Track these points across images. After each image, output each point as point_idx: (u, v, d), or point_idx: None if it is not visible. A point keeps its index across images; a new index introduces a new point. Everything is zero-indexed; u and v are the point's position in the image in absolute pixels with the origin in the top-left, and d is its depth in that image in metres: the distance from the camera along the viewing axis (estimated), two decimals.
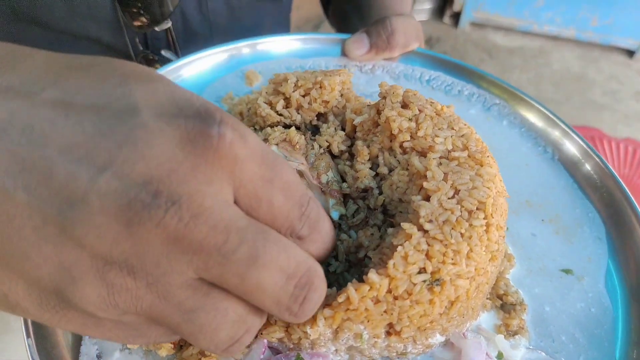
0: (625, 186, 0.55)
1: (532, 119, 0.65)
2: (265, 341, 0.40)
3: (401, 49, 0.71)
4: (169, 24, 0.72)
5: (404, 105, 0.47)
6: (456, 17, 3.10)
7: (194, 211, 0.25)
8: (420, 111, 0.46)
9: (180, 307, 0.27)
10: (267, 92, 0.54)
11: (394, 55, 0.71)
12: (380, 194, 0.46)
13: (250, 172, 0.28)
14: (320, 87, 0.52)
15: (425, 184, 0.40)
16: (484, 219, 0.39)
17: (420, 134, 0.44)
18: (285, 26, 0.96)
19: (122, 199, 0.24)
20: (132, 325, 0.29)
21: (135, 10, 0.69)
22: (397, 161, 0.45)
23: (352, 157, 0.50)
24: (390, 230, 0.41)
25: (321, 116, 0.54)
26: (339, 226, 0.45)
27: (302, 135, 0.49)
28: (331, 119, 0.52)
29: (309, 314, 0.31)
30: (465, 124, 0.47)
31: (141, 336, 0.30)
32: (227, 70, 0.68)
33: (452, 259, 0.37)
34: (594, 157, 0.59)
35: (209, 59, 0.67)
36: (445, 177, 0.41)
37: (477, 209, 0.39)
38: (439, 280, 0.37)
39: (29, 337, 0.40)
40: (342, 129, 0.52)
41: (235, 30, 0.83)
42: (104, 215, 0.24)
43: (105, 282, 0.25)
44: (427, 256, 0.37)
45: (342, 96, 0.53)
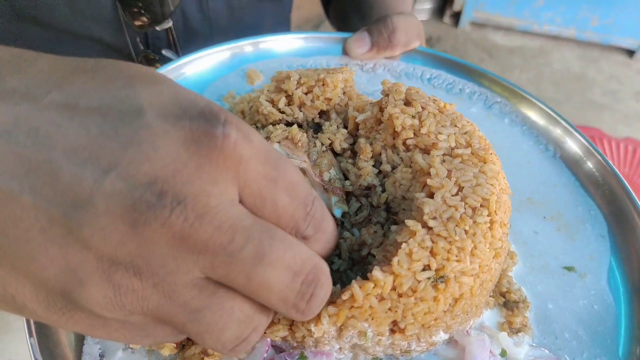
0: (626, 182, 0.55)
1: (534, 117, 0.65)
2: (268, 340, 0.40)
3: (402, 47, 0.71)
4: (169, 24, 0.72)
5: (407, 102, 0.47)
6: (456, 16, 3.10)
7: (199, 211, 0.25)
8: (423, 108, 0.46)
9: (186, 306, 0.27)
10: (269, 90, 0.54)
11: (395, 53, 0.71)
12: (383, 191, 0.46)
13: (254, 171, 0.28)
14: (322, 85, 0.51)
15: (428, 181, 0.40)
16: (488, 215, 0.39)
17: (423, 131, 0.44)
18: (285, 26, 0.96)
19: (127, 200, 0.24)
20: (139, 325, 0.29)
21: (136, 9, 0.69)
22: (400, 158, 0.45)
23: (354, 155, 0.50)
24: (393, 227, 0.41)
25: (323, 114, 0.53)
26: (341, 224, 0.45)
27: (304, 133, 0.49)
28: (333, 116, 0.52)
29: (316, 311, 0.31)
30: (468, 121, 0.47)
31: (148, 336, 0.30)
32: (228, 69, 0.68)
33: (457, 256, 0.37)
34: (596, 154, 0.59)
35: (211, 58, 0.67)
36: (448, 174, 0.41)
37: (480, 206, 0.39)
38: (443, 277, 0.37)
39: (31, 336, 0.40)
40: (344, 126, 0.52)
41: (235, 29, 0.83)
42: (109, 216, 0.24)
43: (111, 283, 0.25)
44: (432, 253, 0.36)
45: (344, 94, 0.53)
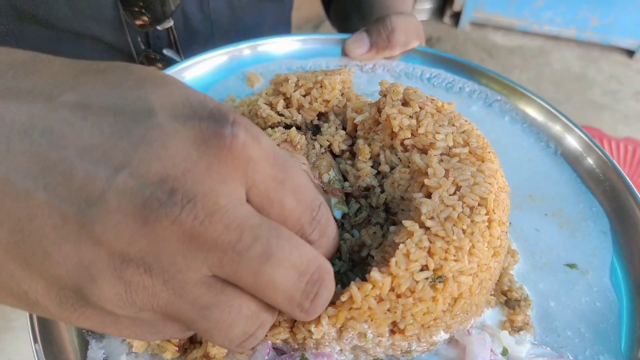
0: (628, 178, 0.55)
1: (534, 114, 0.65)
2: (269, 342, 0.40)
3: (401, 47, 0.71)
4: (170, 23, 0.72)
5: (405, 102, 0.47)
6: (456, 17, 3.10)
7: (209, 209, 0.25)
8: (420, 108, 0.46)
9: (195, 303, 0.28)
10: (267, 93, 0.54)
11: (395, 53, 0.71)
12: (382, 192, 0.46)
13: (262, 172, 0.28)
14: (320, 87, 0.52)
15: (426, 181, 0.40)
16: (486, 214, 0.39)
17: (421, 131, 0.44)
18: (286, 25, 0.96)
19: (138, 198, 0.24)
20: (149, 322, 0.29)
21: (137, 9, 0.69)
22: (399, 159, 0.45)
23: (353, 156, 0.50)
24: (392, 228, 0.41)
25: (322, 115, 0.53)
26: (341, 225, 0.45)
27: (303, 135, 0.49)
28: (332, 118, 0.52)
29: (320, 310, 0.31)
30: (466, 120, 0.47)
31: (157, 333, 0.30)
32: (228, 72, 0.68)
33: (454, 256, 0.37)
34: (596, 150, 0.59)
35: (210, 62, 0.67)
36: (446, 174, 0.41)
37: (478, 205, 0.39)
38: (441, 277, 0.37)
39: (36, 342, 0.40)
40: (343, 128, 0.52)
41: (236, 29, 0.83)
42: (121, 213, 0.24)
43: (122, 281, 0.26)
44: (429, 253, 0.36)
45: (342, 95, 0.53)
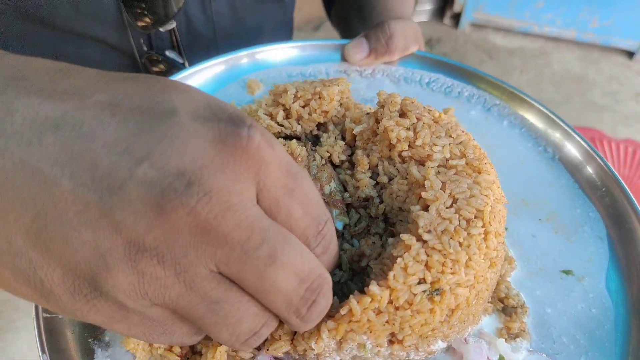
0: (626, 186, 0.55)
1: (533, 119, 0.65)
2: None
3: (400, 52, 0.71)
4: (173, 25, 0.72)
5: (402, 113, 0.47)
6: (456, 18, 3.10)
7: (223, 205, 0.27)
8: (418, 119, 0.46)
9: (205, 297, 0.29)
10: (266, 104, 0.55)
11: (394, 59, 0.72)
12: (380, 202, 0.46)
13: (273, 176, 0.29)
14: (319, 98, 0.52)
15: (423, 194, 0.41)
16: (482, 227, 0.39)
17: (418, 142, 0.45)
18: (288, 27, 0.96)
19: (156, 188, 0.26)
20: (158, 321, 0.30)
21: (139, 10, 0.69)
22: (397, 170, 0.46)
23: (352, 166, 0.50)
24: (390, 240, 0.41)
25: (321, 126, 0.54)
26: (341, 235, 0.45)
27: (303, 146, 0.49)
28: (331, 128, 0.53)
29: (316, 320, 0.32)
30: (463, 131, 0.47)
31: (165, 334, 0.31)
32: (228, 79, 0.68)
33: (451, 269, 0.37)
34: (596, 158, 0.59)
35: (211, 70, 0.68)
36: (443, 186, 0.41)
37: (475, 217, 0.40)
38: (438, 289, 0.37)
39: (44, 353, 0.41)
40: (342, 137, 0.52)
41: (238, 31, 0.83)
42: (139, 201, 0.26)
43: (136, 271, 0.27)
44: (427, 266, 0.37)
45: (341, 105, 0.54)
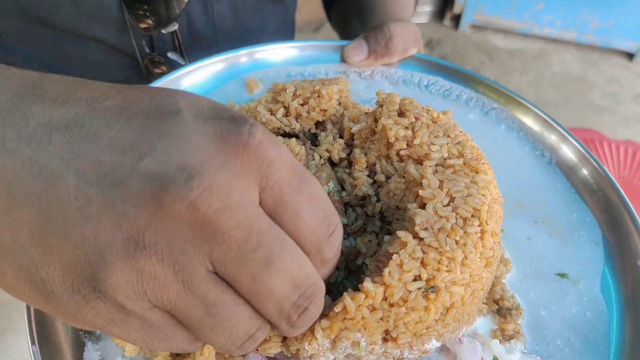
0: (621, 190, 0.56)
1: (530, 123, 0.66)
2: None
3: (400, 54, 0.71)
4: (175, 27, 0.72)
5: (401, 113, 0.47)
6: (456, 19, 3.11)
7: (223, 201, 0.27)
8: (416, 119, 0.46)
9: (203, 299, 0.28)
10: (266, 101, 0.55)
11: (393, 60, 0.72)
12: (377, 201, 0.46)
13: (277, 174, 0.29)
14: (318, 96, 0.52)
15: (420, 192, 0.41)
16: (479, 226, 0.40)
17: (416, 142, 0.45)
18: (290, 28, 0.96)
19: (157, 181, 0.26)
20: (158, 325, 0.30)
21: (141, 12, 0.69)
22: (394, 169, 0.46)
23: (350, 165, 0.50)
24: (386, 237, 0.41)
25: (319, 124, 0.54)
26: None
27: (302, 145, 0.49)
28: (329, 127, 0.53)
29: (305, 327, 0.32)
30: (461, 131, 0.47)
31: (166, 340, 0.31)
32: (227, 78, 0.68)
33: (447, 266, 0.37)
34: (591, 161, 0.60)
35: (210, 68, 0.68)
36: (440, 185, 0.41)
37: (472, 216, 0.40)
38: (434, 287, 0.37)
39: (33, 344, 0.41)
40: (340, 136, 0.52)
41: (240, 32, 0.83)
42: (140, 195, 0.26)
43: (135, 269, 0.27)
44: (422, 264, 0.37)
45: (340, 104, 0.54)
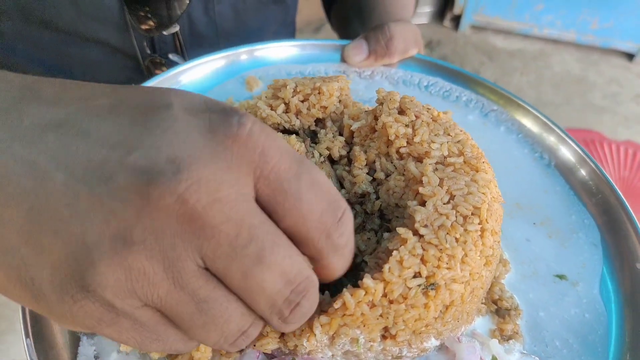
0: (620, 192, 0.56)
1: (529, 125, 0.66)
2: None
3: (400, 55, 0.71)
4: (176, 28, 0.72)
5: (401, 111, 0.47)
6: (456, 20, 3.11)
7: (212, 195, 0.26)
8: (416, 117, 0.46)
9: (194, 296, 0.28)
10: (266, 97, 0.55)
11: (393, 61, 0.72)
12: (377, 198, 0.46)
13: (272, 163, 0.28)
14: (318, 93, 0.52)
15: (421, 189, 0.41)
16: (479, 224, 0.40)
17: (416, 139, 0.45)
18: (290, 28, 0.96)
19: (145, 175, 0.26)
20: (149, 325, 0.29)
21: (143, 13, 0.69)
22: (394, 166, 0.46)
23: (350, 162, 0.50)
24: (386, 235, 0.41)
25: (319, 122, 0.54)
26: None
27: (302, 142, 0.49)
28: (329, 124, 0.53)
29: (298, 322, 0.31)
30: (461, 130, 0.47)
31: (159, 340, 0.30)
32: (227, 75, 0.68)
33: (447, 264, 0.37)
34: (589, 162, 0.60)
35: (209, 65, 0.68)
36: (440, 183, 0.41)
37: (472, 214, 0.40)
38: (433, 284, 0.37)
39: (27, 337, 0.41)
40: (339, 134, 0.52)
41: (241, 33, 0.83)
42: (128, 189, 0.26)
43: (123, 266, 0.26)
44: (422, 260, 0.37)
45: (340, 102, 0.54)
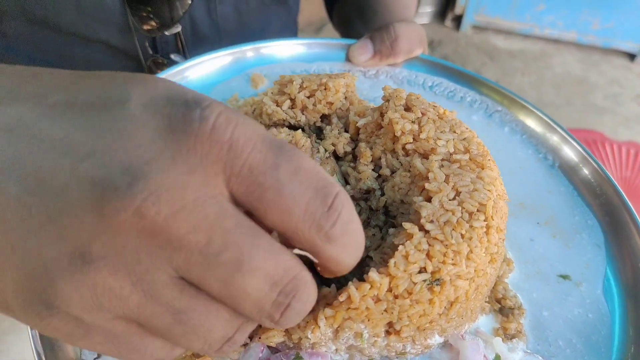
0: (623, 192, 0.56)
1: (533, 125, 0.66)
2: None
3: (405, 55, 0.71)
4: (178, 29, 0.72)
5: (407, 108, 0.47)
6: (458, 20, 3.10)
7: (174, 204, 0.23)
8: (423, 114, 0.46)
9: (169, 306, 0.25)
10: (272, 93, 0.55)
11: (398, 61, 0.72)
12: (382, 195, 0.46)
13: (244, 156, 0.25)
14: (325, 89, 0.52)
15: (427, 185, 0.41)
16: (484, 220, 0.40)
17: (422, 136, 0.45)
18: (292, 30, 0.96)
19: (97, 188, 0.23)
20: (124, 336, 0.27)
21: (145, 14, 0.69)
22: (400, 163, 0.46)
23: (355, 159, 0.50)
24: (391, 230, 0.41)
25: (325, 118, 0.54)
26: None
27: (308, 138, 0.49)
28: (335, 121, 0.53)
29: (292, 322, 0.29)
30: (467, 128, 0.47)
31: (135, 350, 0.28)
32: (232, 73, 0.68)
33: (452, 260, 0.37)
34: (592, 162, 0.60)
35: (215, 62, 0.68)
36: (446, 179, 0.41)
37: (477, 211, 0.40)
38: (439, 280, 0.37)
39: (33, 329, 0.41)
40: (345, 130, 0.52)
41: (243, 34, 0.83)
42: (81, 205, 0.23)
43: (85, 283, 0.24)
44: (428, 256, 0.37)
45: (346, 99, 0.54)
